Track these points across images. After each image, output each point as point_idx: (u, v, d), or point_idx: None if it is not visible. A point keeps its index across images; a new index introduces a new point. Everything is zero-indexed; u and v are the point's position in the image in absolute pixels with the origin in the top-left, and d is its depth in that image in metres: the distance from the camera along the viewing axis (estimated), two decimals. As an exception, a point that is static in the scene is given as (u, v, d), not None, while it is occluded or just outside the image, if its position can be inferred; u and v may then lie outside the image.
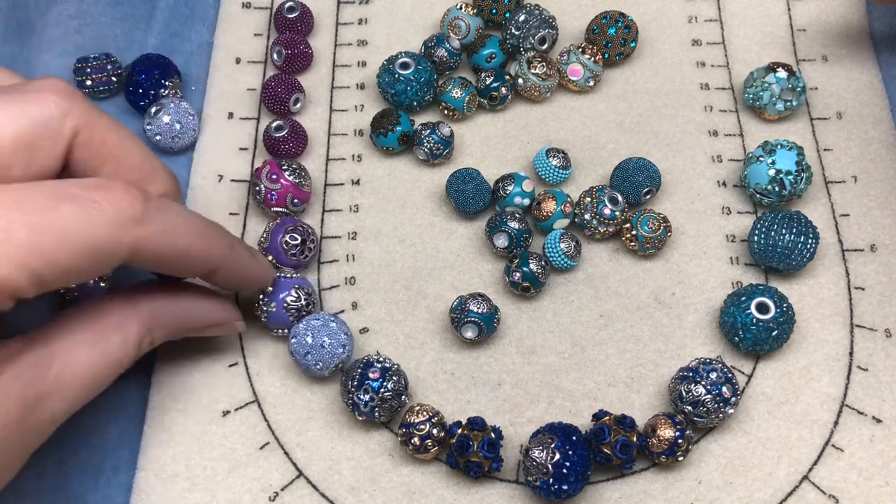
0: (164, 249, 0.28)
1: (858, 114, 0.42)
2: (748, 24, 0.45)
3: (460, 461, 0.32)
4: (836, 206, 0.39)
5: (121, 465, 0.34)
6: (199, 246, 0.30)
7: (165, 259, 0.29)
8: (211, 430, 0.34)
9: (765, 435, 0.34)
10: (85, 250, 0.26)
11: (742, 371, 0.36)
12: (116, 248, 0.27)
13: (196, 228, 0.30)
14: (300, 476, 0.33)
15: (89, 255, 0.26)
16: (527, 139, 0.41)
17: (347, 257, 0.38)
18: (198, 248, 0.30)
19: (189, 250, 0.29)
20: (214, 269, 0.31)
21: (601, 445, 0.32)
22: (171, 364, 0.36)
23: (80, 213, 0.26)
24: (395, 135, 0.40)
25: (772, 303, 0.35)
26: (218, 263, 0.31)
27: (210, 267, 0.31)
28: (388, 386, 0.33)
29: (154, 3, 0.45)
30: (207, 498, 0.33)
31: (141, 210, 0.27)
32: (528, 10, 0.42)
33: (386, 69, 0.41)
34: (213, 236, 0.31)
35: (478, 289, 0.37)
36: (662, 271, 0.38)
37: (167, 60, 0.42)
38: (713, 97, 0.43)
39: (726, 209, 0.39)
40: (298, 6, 0.44)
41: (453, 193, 0.38)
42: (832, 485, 0.33)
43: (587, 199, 0.38)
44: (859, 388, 0.35)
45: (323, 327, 0.34)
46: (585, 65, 0.42)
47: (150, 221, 0.27)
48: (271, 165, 0.38)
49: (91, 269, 0.26)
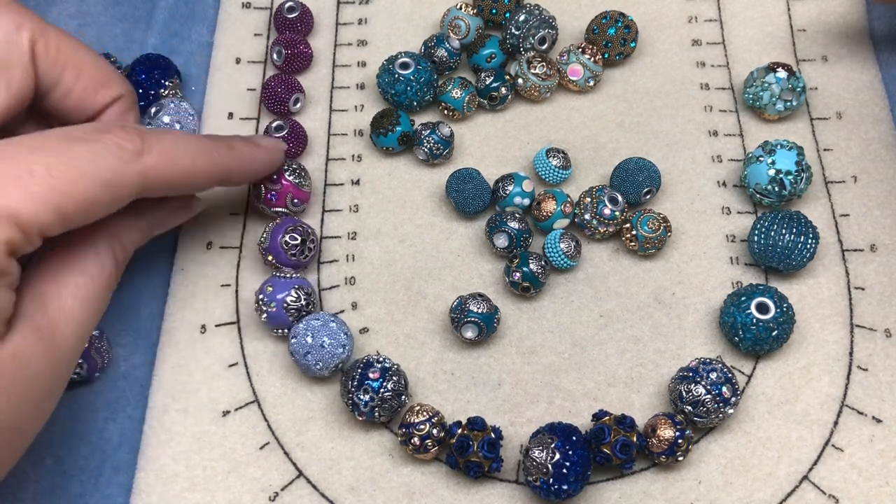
0: (170, 172, 0.30)
1: (858, 114, 0.42)
2: (748, 24, 0.45)
3: (460, 461, 0.32)
4: (836, 206, 0.39)
5: (121, 465, 0.34)
6: (203, 161, 0.32)
7: (174, 180, 0.31)
8: (211, 430, 0.34)
9: (765, 435, 0.34)
10: (100, 183, 0.28)
11: (742, 371, 0.36)
12: (127, 179, 0.29)
13: (194, 146, 0.32)
14: (300, 476, 0.33)
15: (105, 188, 0.28)
16: (527, 139, 0.41)
17: (347, 257, 0.38)
18: (202, 163, 0.32)
19: (194, 167, 0.31)
20: (225, 176, 0.33)
21: (601, 445, 0.32)
22: (171, 364, 0.36)
23: (90, 151, 0.28)
24: (395, 135, 0.40)
25: (772, 303, 0.35)
26: (225, 170, 0.33)
27: (219, 176, 0.33)
28: (388, 386, 0.33)
29: (154, 3, 0.45)
30: (207, 498, 0.33)
31: (140, 143, 0.30)
32: (528, 10, 0.42)
33: (386, 69, 0.41)
34: (212, 147, 0.33)
35: (478, 289, 0.37)
36: (662, 271, 0.38)
37: (167, 60, 0.42)
38: (713, 97, 0.43)
39: (726, 209, 0.39)
40: (298, 6, 0.44)
41: (453, 193, 0.38)
42: (832, 485, 0.33)
43: (587, 199, 0.38)
44: (859, 388, 0.35)
45: (323, 327, 0.34)
46: (585, 65, 0.42)
47: (150, 151, 0.30)
48: (271, 165, 0.38)
49: (109, 201, 0.29)
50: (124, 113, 0.35)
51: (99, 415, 0.35)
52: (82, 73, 0.33)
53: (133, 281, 0.38)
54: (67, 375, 0.29)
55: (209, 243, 0.38)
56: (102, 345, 0.35)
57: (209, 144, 0.33)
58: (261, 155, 0.35)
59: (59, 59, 0.33)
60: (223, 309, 0.37)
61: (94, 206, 0.28)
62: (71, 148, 0.28)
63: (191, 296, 0.37)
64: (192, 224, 0.39)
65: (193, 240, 0.38)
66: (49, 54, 0.32)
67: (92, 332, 0.30)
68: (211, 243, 0.38)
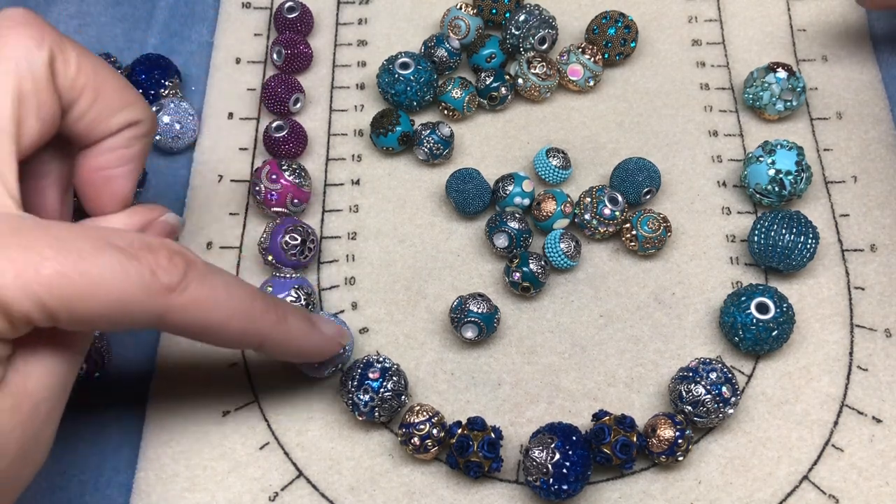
0: (196, 322, 0.27)
1: (858, 114, 0.42)
2: (748, 24, 0.45)
3: (460, 461, 0.32)
4: (836, 206, 0.39)
5: (121, 465, 0.34)
6: (240, 322, 0.28)
7: (197, 331, 0.28)
8: (211, 430, 0.34)
9: (765, 435, 0.34)
10: (109, 306, 0.25)
11: (742, 371, 0.36)
12: (142, 312, 0.26)
13: (238, 303, 0.28)
14: (300, 476, 0.33)
15: (112, 313, 0.25)
16: (527, 139, 0.41)
17: (347, 257, 0.38)
18: (238, 324, 0.28)
19: (226, 325, 0.28)
20: (259, 344, 0.30)
21: (601, 445, 0.32)
22: (171, 364, 0.35)
23: (118, 268, 0.25)
24: (395, 135, 0.40)
25: (772, 303, 0.35)
26: (261, 340, 0.29)
27: (250, 342, 0.29)
28: (388, 386, 0.33)
29: (154, 3, 0.45)
30: (207, 498, 0.33)
31: (178, 279, 0.26)
32: (528, 10, 0.42)
33: (386, 69, 0.41)
34: (259, 311, 0.29)
35: (478, 289, 0.37)
36: (662, 271, 0.38)
37: (167, 60, 0.42)
38: (713, 97, 0.43)
39: (726, 209, 0.39)
40: (298, 6, 0.44)
41: (453, 193, 0.38)
42: (832, 485, 0.33)
43: (587, 199, 0.38)
44: (859, 388, 0.35)
45: (323, 327, 0.34)
46: (585, 65, 0.42)
47: (185, 291, 0.26)
48: (271, 165, 0.38)
49: (111, 325, 0.26)
50: (135, 139, 0.30)
51: (99, 415, 0.35)
52: (100, 97, 0.29)
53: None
54: (38, 452, 0.27)
55: (209, 243, 0.38)
56: (102, 345, 0.35)
57: (259, 305, 0.29)
58: (314, 339, 0.32)
59: (78, 82, 0.29)
60: (223, 309, 0.37)
61: (91, 323, 0.25)
62: (99, 256, 0.25)
63: (191, 296, 0.37)
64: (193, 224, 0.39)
65: (193, 240, 0.38)
66: (67, 75, 0.28)
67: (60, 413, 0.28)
68: (211, 243, 0.38)
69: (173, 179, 0.40)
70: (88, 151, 0.30)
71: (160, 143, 0.40)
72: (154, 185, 0.40)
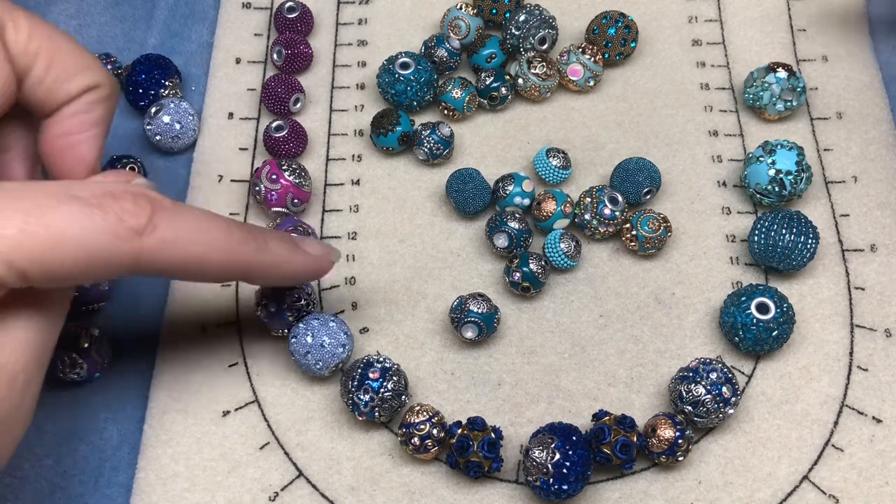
0: (172, 260, 0.27)
1: (858, 114, 0.42)
2: (748, 24, 0.45)
3: (460, 461, 0.32)
4: (836, 206, 0.39)
5: (121, 465, 0.34)
6: (218, 254, 0.28)
7: (175, 270, 0.27)
8: (211, 430, 0.34)
9: (765, 435, 0.34)
10: (79, 256, 0.25)
11: (742, 371, 0.36)
12: (115, 259, 0.25)
13: (214, 234, 0.28)
14: (300, 476, 0.33)
15: (84, 262, 0.25)
16: (527, 139, 0.41)
17: (347, 257, 0.38)
18: (217, 257, 0.28)
19: (205, 260, 0.28)
20: (244, 274, 0.30)
21: (601, 445, 0.32)
22: (171, 364, 0.35)
23: (83, 218, 0.25)
24: (395, 135, 0.40)
25: (772, 303, 0.35)
26: (245, 270, 0.29)
27: (234, 274, 0.29)
28: (388, 386, 0.33)
29: (154, 3, 0.45)
30: (207, 498, 0.33)
31: (145, 220, 0.26)
32: (528, 10, 0.42)
33: (386, 69, 0.41)
34: (238, 241, 0.29)
35: (478, 289, 0.37)
36: (662, 271, 0.38)
37: (167, 60, 0.42)
38: (713, 97, 0.43)
39: (726, 209, 0.39)
40: (298, 6, 0.44)
41: (453, 193, 0.38)
42: (832, 485, 0.33)
43: (587, 199, 0.38)
44: (859, 388, 0.35)
45: (323, 327, 0.34)
46: (585, 65, 0.42)
47: (155, 231, 0.26)
48: (271, 165, 0.38)
49: (86, 276, 0.25)
50: (95, 103, 0.30)
51: (99, 415, 0.35)
52: (55, 61, 0.29)
53: (133, 281, 0.38)
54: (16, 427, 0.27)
55: (209, 243, 0.38)
56: (102, 345, 0.35)
57: (235, 236, 0.29)
58: (298, 260, 0.31)
59: (31, 45, 0.28)
60: (223, 309, 0.37)
61: (65, 276, 0.25)
62: (62, 208, 0.24)
63: (191, 296, 0.37)
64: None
65: (193, 240, 0.38)
66: (19, 41, 0.28)
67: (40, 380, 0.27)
68: (211, 243, 0.38)
69: (173, 179, 0.40)
70: (51, 120, 0.30)
71: (160, 143, 0.40)
72: (154, 185, 0.40)
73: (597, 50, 0.42)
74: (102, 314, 0.37)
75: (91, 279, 0.26)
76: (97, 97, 0.30)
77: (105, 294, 0.36)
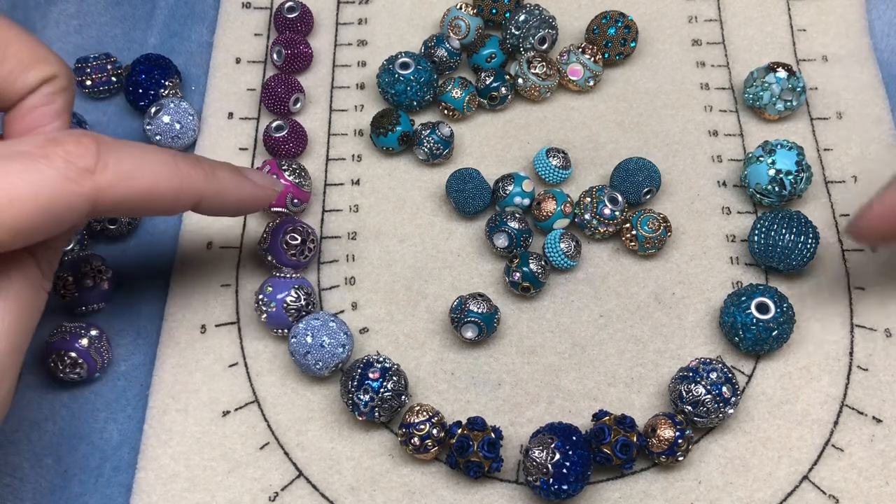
0: (126, 194, 0.27)
1: (858, 114, 0.42)
2: (748, 24, 0.45)
3: (460, 461, 0.32)
4: (836, 206, 0.39)
5: (121, 465, 0.34)
6: (169, 182, 0.29)
7: (132, 202, 0.28)
8: (211, 430, 0.34)
9: (765, 435, 0.34)
10: (37, 209, 0.25)
11: (742, 371, 0.36)
12: (73, 202, 0.26)
13: (160, 165, 0.28)
14: (300, 476, 0.33)
15: (45, 213, 0.25)
16: (527, 139, 0.41)
17: (347, 257, 0.38)
18: (168, 185, 0.29)
19: (156, 188, 0.28)
20: (195, 202, 0.30)
21: (601, 445, 0.32)
22: (171, 364, 0.36)
23: (31, 170, 0.25)
24: (395, 135, 0.40)
25: (772, 303, 0.35)
26: (197, 196, 0.30)
27: (186, 202, 0.30)
28: (388, 386, 0.33)
29: (154, 3, 0.45)
30: (207, 498, 0.33)
31: (93, 159, 0.26)
32: (528, 10, 0.42)
33: (386, 69, 0.41)
34: (185, 170, 0.29)
35: (478, 289, 0.37)
36: (662, 271, 0.38)
37: (167, 60, 0.42)
38: (713, 97, 0.43)
39: (726, 209, 0.39)
40: (298, 6, 0.44)
41: (453, 193, 0.38)
42: (832, 485, 0.33)
43: (587, 199, 0.38)
44: (859, 388, 0.35)
45: (323, 327, 0.34)
46: (585, 65, 0.42)
47: (105, 168, 0.26)
48: (271, 165, 0.38)
49: (49, 227, 0.26)
50: (54, 94, 0.30)
51: (99, 415, 0.35)
52: (9, 53, 0.29)
53: (133, 281, 0.38)
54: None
55: (209, 243, 0.38)
56: (102, 345, 0.35)
57: (181, 165, 0.29)
58: (247, 188, 0.32)
59: None
60: (223, 309, 0.37)
61: (28, 232, 0.25)
62: (10, 167, 0.25)
63: (191, 296, 0.37)
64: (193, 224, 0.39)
65: (193, 240, 0.38)
66: None
67: (23, 349, 0.28)
68: (211, 243, 0.38)
69: (173, 179, 0.40)
70: (12, 114, 0.30)
71: (160, 144, 0.40)
72: (154, 185, 0.40)
73: (597, 50, 0.42)
74: (102, 314, 0.37)
75: (59, 228, 0.26)
76: (56, 88, 0.30)
77: (105, 294, 0.36)
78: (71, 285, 0.36)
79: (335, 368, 0.34)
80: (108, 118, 0.42)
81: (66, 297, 0.36)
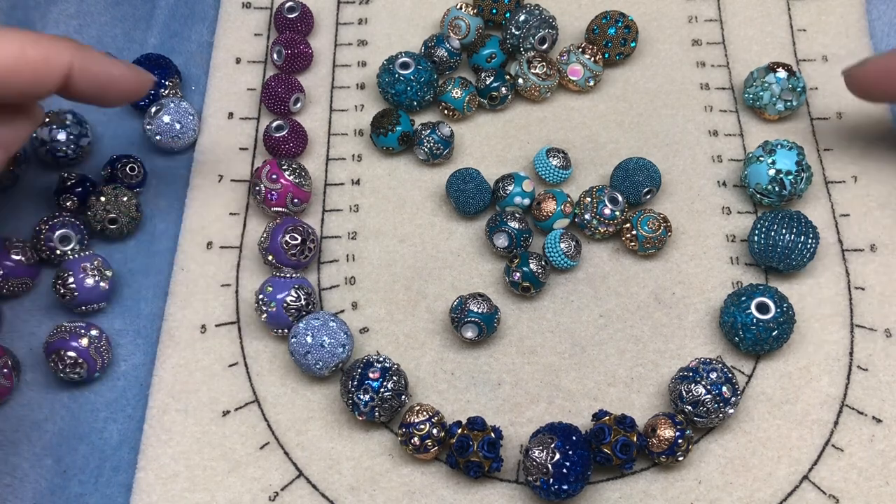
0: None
1: (858, 114, 0.42)
2: (748, 24, 0.45)
3: (460, 461, 0.32)
4: (836, 206, 0.39)
5: (121, 465, 0.34)
6: (34, 51, 0.29)
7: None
8: (211, 430, 0.34)
9: (765, 435, 0.34)
10: None
11: (742, 371, 0.36)
12: None
13: (24, 34, 0.29)
14: (300, 476, 0.33)
15: None
16: (527, 139, 0.41)
17: (347, 257, 0.38)
18: (33, 53, 0.29)
19: (22, 56, 0.28)
20: (63, 74, 0.30)
21: (601, 445, 0.32)
22: (171, 364, 0.36)
23: None
24: (395, 135, 0.40)
25: (772, 303, 0.35)
26: (64, 67, 0.30)
27: (56, 73, 0.30)
28: (388, 386, 0.33)
29: (154, 3, 0.45)
30: (207, 498, 0.33)
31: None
32: (528, 10, 0.42)
33: (386, 69, 0.41)
34: (51, 38, 0.29)
35: (478, 289, 0.37)
36: (662, 271, 0.38)
37: (167, 60, 0.42)
38: (713, 97, 0.43)
39: (726, 209, 0.39)
40: (298, 6, 0.44)
41: (453, 193, 0.38)
42: (832, 485, 0.33)
43: (587, 199, 0.38)
44: (859, 388, 0.35)
45: (323, 327, 0.34)
46: (585, 65, 0.42)
47: None
48: (271, 165, 0.38)
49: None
50: None
51: (99, 415, 0.35)
52: None
53: (133, 281, 0.38)
54: None
55: (209, 243, 0.38)
56: (102, 345, 0.35)
57: (46, 40, 0.29)
58: (116, 70, 0.32)
59: None
60: (223, 309, 0.37)
61: None
62: None
63: (191, 296, 0.37)
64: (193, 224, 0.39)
65: (193, 240, 0.38)
66: None
67: None
68: (211, 243, 0.38)
69: (173, 179, 0.40)
70: None
71: (160, 143, 0.40)
72: (154, 185, 0.40)
73: (597, 50, 0.42)
74: (102, 314, 0.37)
75: None
76: None
77: (105, 294, 0.36)
78: (71, 285, 0.36)
79: (335, 368, 0.34)
80: (108, 118, 0.42)
81: (66, 297, 0.36)
